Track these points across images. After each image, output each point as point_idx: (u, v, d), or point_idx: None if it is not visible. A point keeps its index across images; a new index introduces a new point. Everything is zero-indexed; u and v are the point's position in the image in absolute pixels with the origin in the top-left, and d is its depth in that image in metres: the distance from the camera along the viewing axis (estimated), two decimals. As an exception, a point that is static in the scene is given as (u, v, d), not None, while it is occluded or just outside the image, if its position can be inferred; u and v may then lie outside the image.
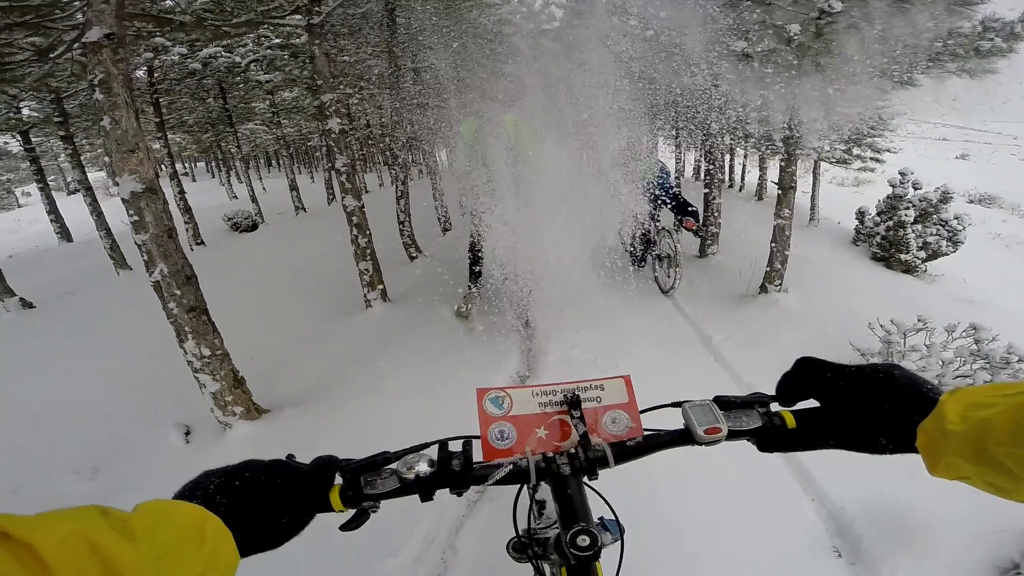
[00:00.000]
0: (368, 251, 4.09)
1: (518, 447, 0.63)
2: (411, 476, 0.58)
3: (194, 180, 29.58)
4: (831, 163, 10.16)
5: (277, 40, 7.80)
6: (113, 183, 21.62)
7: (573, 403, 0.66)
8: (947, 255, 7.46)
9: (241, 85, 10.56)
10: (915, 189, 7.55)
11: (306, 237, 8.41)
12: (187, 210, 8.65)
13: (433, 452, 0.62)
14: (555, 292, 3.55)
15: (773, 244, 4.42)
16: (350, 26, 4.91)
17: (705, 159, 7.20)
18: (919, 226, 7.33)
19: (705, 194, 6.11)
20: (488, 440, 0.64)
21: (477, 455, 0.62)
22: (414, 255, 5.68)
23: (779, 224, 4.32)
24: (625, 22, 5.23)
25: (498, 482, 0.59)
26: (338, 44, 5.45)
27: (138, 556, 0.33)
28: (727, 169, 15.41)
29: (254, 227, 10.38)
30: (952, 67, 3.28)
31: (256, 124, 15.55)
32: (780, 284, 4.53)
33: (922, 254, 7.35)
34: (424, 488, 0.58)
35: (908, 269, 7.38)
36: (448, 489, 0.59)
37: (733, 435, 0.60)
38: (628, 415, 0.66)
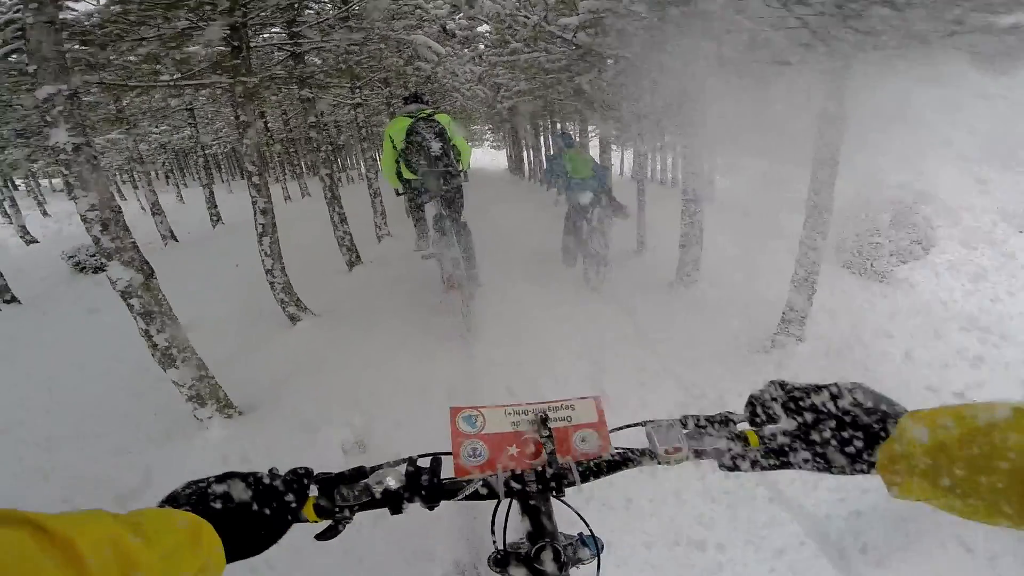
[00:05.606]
0: (175, 351, 2.39)
1: (489, 464, 0.62)
2: (380, 490, 0.58)
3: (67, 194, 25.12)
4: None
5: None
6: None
7: (542, 422, 0.64)
8: (918, 260, 6.92)
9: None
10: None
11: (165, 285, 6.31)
12: (-13, 255, 6.27)
13: (405, 468, 0.61)
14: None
15: (795, 283, 3.24)
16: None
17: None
18: (892, 231, 6.71)
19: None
20: (460, 457, 0.63)
21: (449, 471, 0.61)
22: (296, 317, 3.96)
23: (805, 247, 3.15)
24: None
25: (468, 497, 0.60)
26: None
27: (152, 556, 0.36)
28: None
29: (104, 267, 7.98)
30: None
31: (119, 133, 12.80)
32: (800, 333, 3.38)
33: (894, 260, 6.76)
34: (393, 502, 0.59)
35: (881, 277, 6.78)
36: (419, 503, 0.59)
37: (697, 454, 0.60)
38: (598, 434, 0.65)
